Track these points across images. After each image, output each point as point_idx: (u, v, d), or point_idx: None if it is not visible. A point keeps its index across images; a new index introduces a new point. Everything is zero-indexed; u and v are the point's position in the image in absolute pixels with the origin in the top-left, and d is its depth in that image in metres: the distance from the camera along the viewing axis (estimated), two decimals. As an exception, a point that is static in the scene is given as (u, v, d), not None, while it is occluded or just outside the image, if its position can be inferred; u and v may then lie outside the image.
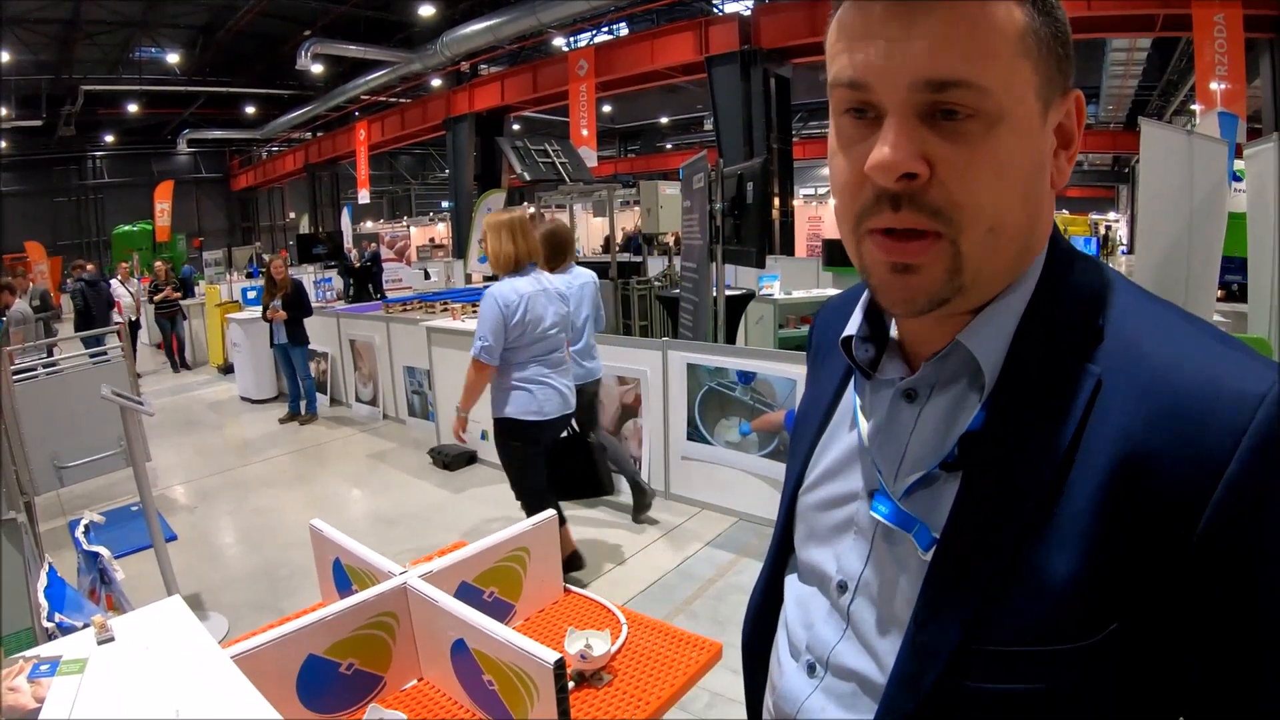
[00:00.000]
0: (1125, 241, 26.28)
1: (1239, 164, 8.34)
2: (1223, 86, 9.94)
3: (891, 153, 0.60)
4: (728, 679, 2.82)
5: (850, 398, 0.81)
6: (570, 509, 4.61)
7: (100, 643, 1.48)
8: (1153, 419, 0.57)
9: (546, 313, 3.70)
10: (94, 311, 11.21)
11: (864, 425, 0.77)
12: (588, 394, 4.56)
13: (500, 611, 2.11)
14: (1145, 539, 0.56)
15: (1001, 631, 0.61)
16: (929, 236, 0.62)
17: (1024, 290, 0.67)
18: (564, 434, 4.08)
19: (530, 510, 3.62)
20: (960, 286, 0.64)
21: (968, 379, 0.69)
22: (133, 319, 11.85)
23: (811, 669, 0.78)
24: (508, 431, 3.77)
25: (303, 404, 8.11)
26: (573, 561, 4.08)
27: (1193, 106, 11.08)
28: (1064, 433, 0.61)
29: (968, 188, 0.61)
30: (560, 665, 1.56)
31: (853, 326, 0.77)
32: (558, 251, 4.55)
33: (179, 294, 11.85)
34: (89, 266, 13.63)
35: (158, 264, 12.19)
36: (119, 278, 12.61)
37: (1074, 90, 0.67)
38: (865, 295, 0.78)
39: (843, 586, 0.76)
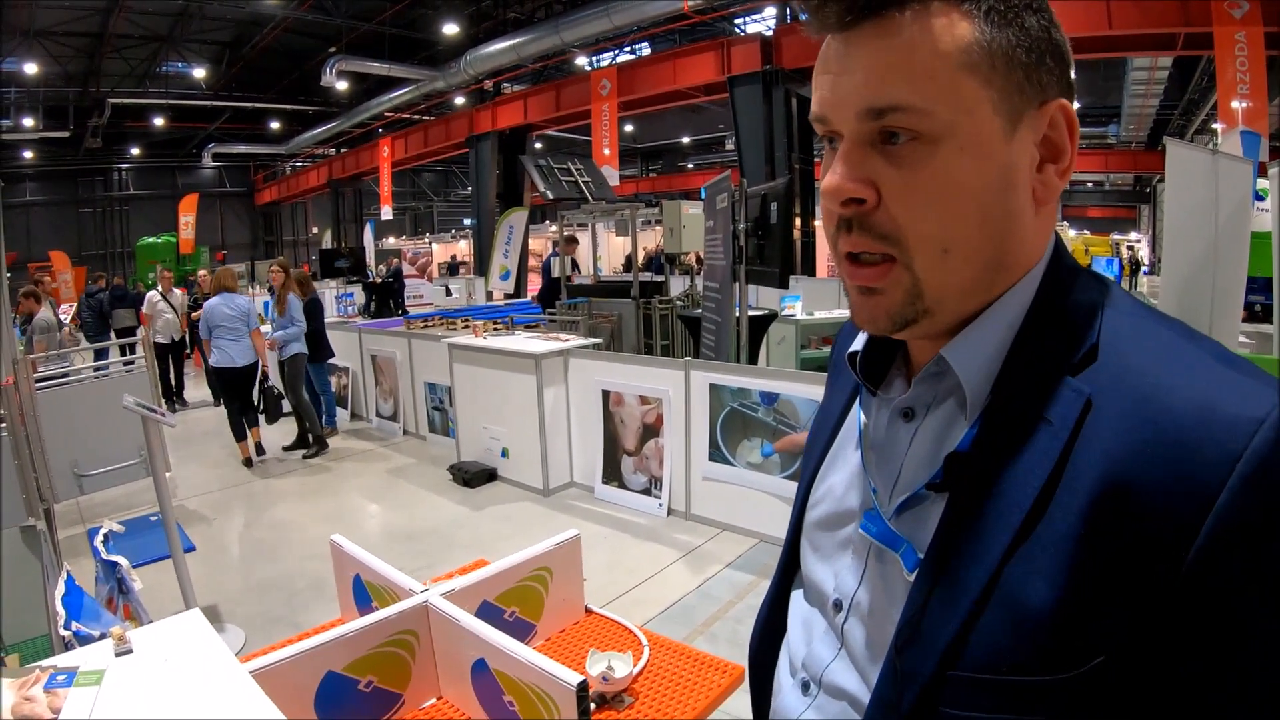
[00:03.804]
0: (1147, 262, 26.08)
1: (1262, 183, 8.27)
2: (1245, 105, 9.87)
3: (836, 178, 0.64)
4: (749, 703, 2.77)
5: (856, 414, 0.82)
6: (579, 520, 5.09)
7: (118, 654, 1.46)
8: (1141, 443, 0.54)
9: (222, 317, 6.82)
10: (88, 321, 11.23)
11: (866, 442, 0.77)
12: (289, 366, 7.37)
13: (521, 631, 2.09)
14: (1129, 570, 0.53)
15: (979, 658, 0.58)
16: (885, 262, 0.65)
17: (1013, 308, 0.66)
18: (269, 386, 7.21)
19: (229, 417, 7.03)
20: (924, 310, 0.65)
21: (959, 398, 0.68)
22: (175, 337, 9.99)
23: (806, 687, 0.78)
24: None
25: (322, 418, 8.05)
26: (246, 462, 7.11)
27: (1214, 125, 11.00)
28: (1049, 455, 0.58)
29: (911, 212, 0.62)
30: (583, 687, 1.54)
31: (859, 342, 0.78)
32: (304, 287, 7.67)
33: None
34: (100, 280, 13.30)
35: (202, 274, 11.54)
36: (160, 289, 10.20)
37: (1054, 100, 0.65)
38: None
39: (838, 605, 0.75)
